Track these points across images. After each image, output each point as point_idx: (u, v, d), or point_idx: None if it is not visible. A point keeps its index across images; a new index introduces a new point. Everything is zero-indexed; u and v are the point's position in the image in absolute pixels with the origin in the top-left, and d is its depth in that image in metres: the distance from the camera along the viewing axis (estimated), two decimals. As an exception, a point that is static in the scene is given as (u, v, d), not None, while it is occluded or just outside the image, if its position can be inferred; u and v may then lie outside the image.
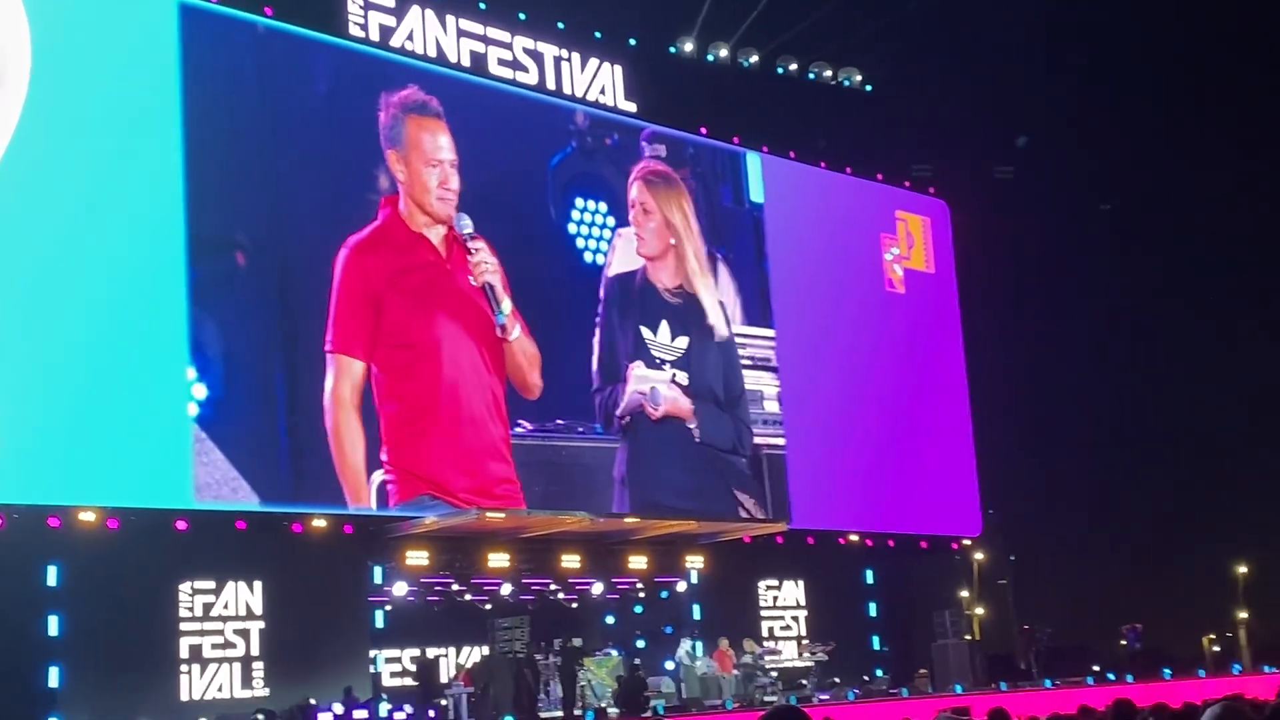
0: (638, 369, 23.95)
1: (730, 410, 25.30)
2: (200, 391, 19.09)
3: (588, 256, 24.25)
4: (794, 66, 28.87)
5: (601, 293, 24.04)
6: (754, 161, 27.24)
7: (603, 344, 23.76)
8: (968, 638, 26.82)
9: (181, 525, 19.06)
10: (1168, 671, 25.07)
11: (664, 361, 24.40)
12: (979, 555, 30.32)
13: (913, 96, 29.02)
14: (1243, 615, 30.70)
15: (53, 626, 18.50)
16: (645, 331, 24.28)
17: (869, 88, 29.90)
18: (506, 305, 21.42)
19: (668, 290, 24.75)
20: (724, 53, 27.75)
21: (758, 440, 25.83)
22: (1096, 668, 25.93)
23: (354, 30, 21.98)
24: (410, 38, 22.63)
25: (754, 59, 28.17)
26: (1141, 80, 30.26)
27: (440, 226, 21.42)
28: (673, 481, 24.08)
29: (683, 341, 24.61)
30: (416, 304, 20.97)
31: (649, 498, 23.63)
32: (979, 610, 30.47)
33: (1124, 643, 27.26)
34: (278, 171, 20.60)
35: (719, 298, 25.61)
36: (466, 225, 21.08)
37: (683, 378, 24.51)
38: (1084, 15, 28.42)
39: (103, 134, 18.68)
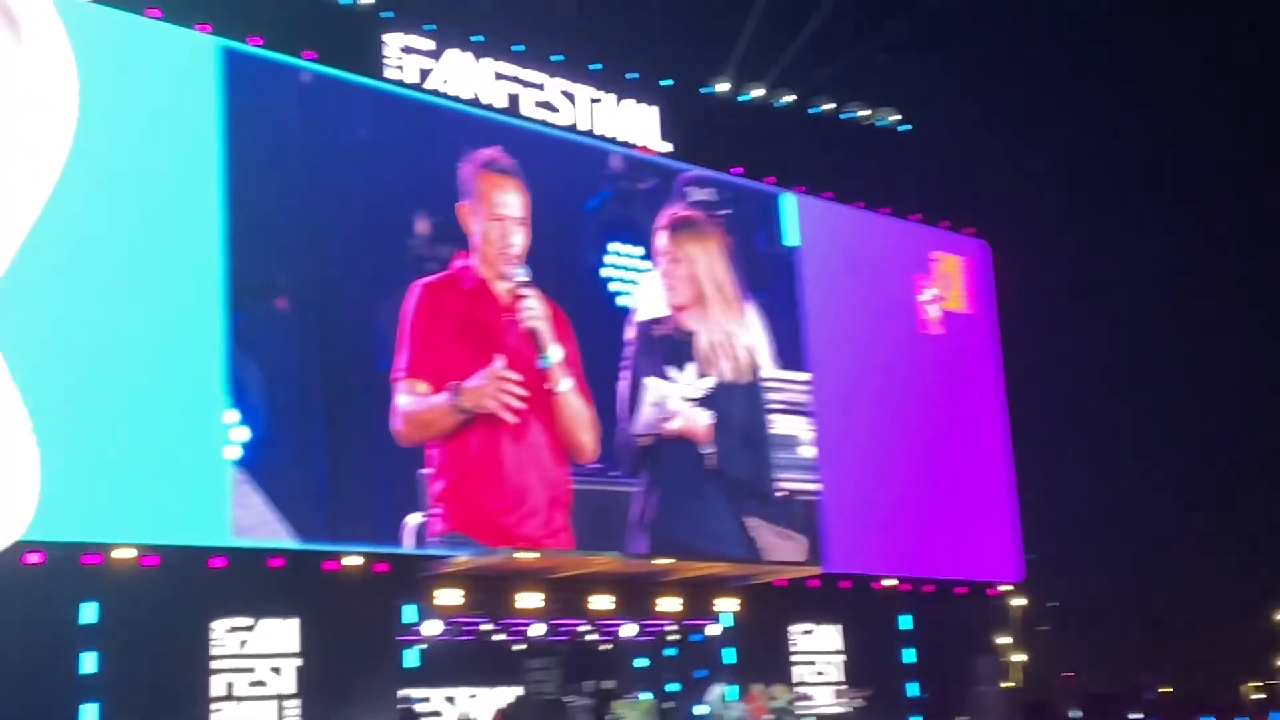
0: (650, 381, 23.90)
1: (753, 449, 25.20)
2: (242, 435, 19.28)
3: (621, 301, 24.32)
4: (830, 106, 28.93)
5: (630, 334, 24.09)
6: (790, 203, 27.25)
7: (630, 387, 23.80)
8: (1007, 684, 26.51)
9: (217, 562, 19.21)
10: (1208, 719, 24.72)
11: (688, 400, 24.37)
12: (1018, 601, 30.03)
13: (952, 135, 29.00)
14: (1284, 663, 30.27)
15: (88, 664, 18.60)
16: (671, 371, 24.29)
17: (907, 127, 29.89)
18: (554, 353, 21.65)
19: (694, 334, 24.74)
20: (759, 93, 27.84)
21: (792, 485, 25.67)
22: (1138, 716, 25.61)
23: (391, 73, 22.24)
24: (446, 81, 22.87)
25: (789, 99, 28.24)
26: (1187, 113, 30.12)
27: (505, 281, 21.72)
28: (696, 520, 23.99)
29: (708, 382, 24.58)
30: (476, 350, 21.20)
31: (669, 537, 23.53)
32: (1019, 657, 30.17)
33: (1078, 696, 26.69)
34: (318, 216, 20.84)
35: (747, 342, 25.55)
36: (520, 274, 21.50)
37: (706, 415, 24.45)
38: (1120, 47, 28.38)
39: (144, 178, 18.94)
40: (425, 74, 22.63)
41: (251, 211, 19.84)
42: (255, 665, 20.21)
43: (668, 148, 25.60)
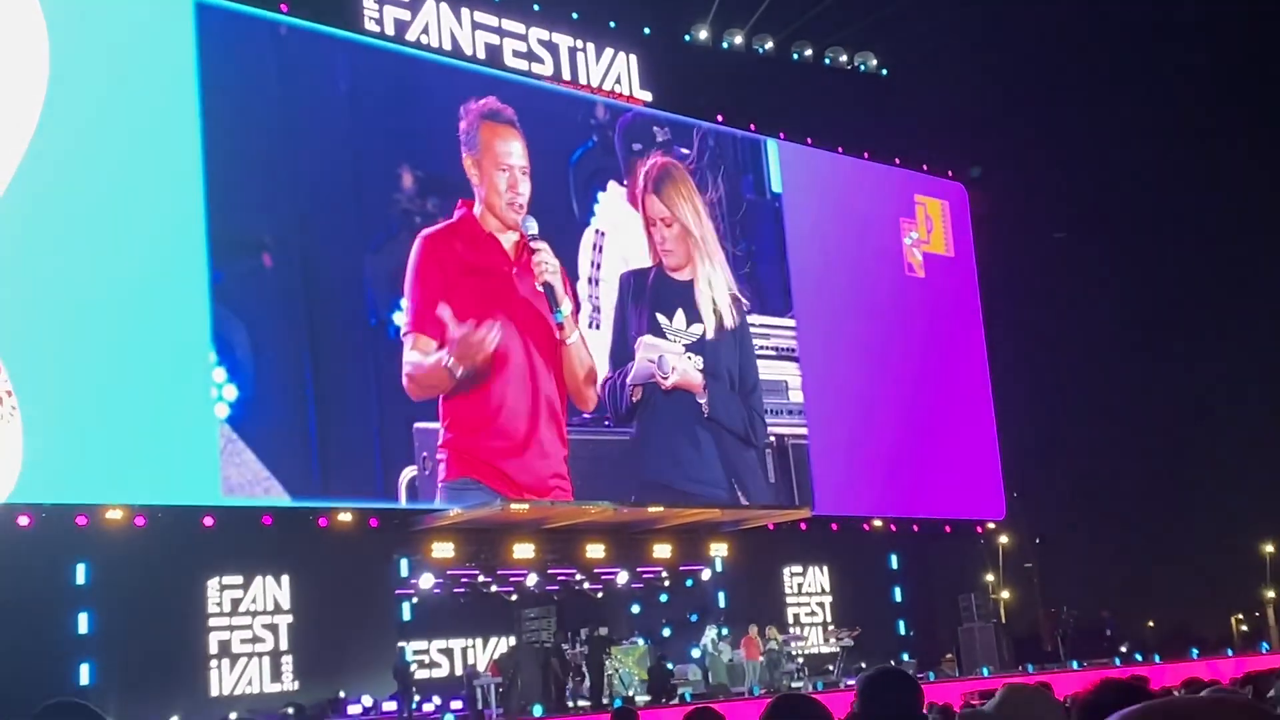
0: (645, 339, 23.97)
1: (743, 397, 25.30)
2: (231, 393, 19.22)
3: (599, 257, 24.19)
4: (809, 52, 28.79)
5: (615, 285, 24.04)
6: (771, 149, 27.19)
7: (615, 333, 23.80)
8: (994, 621, 26.75)
9: (208, 521, 19.18)
10: (1195, 651, 25.02)
11: (682, 353, 24.42)
12: (1003, 539, 30.28)
13: (930, 79, 28.92)
14: (1270, 594, 30.62)
15: (83, 624, 18.63)
16: (661, 318, 24.31)
17: (885, 71, 29.81)
18: (566, 306, 21.92)
19: (682, 282, 24.74)
20: (739, 39, 27.68)
21: (781, 430, 25.81)
22: (1124, 648, 25.88)
23: (369, 25, 22.01)
24: (425, 31, 22.66)
25: (769, 45, 28.09)
26: (1166, 60, 30.10)
27: (512, 231, 21.73)
28: (687, 467, 24.10)
29: (697, 328, 24.62)
30: (480, 301, 21.26)
31: (664, 483, 23.66)
32: (1004, 593, 30.42)
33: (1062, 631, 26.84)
34: (300, 171, 20.69)
35: (731, 289, 25.55)
36: (531, 227, 21.63)
37: (697, 361, 24.52)
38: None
39: (121, 136, 18.75)
40: (403, 25, 22.41)
41: (231, 167, 19.66)
42: (250, 622, 20.28)
43: (647, 96, 25.47)
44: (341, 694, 19.96)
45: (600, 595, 24.42)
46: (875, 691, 3.77)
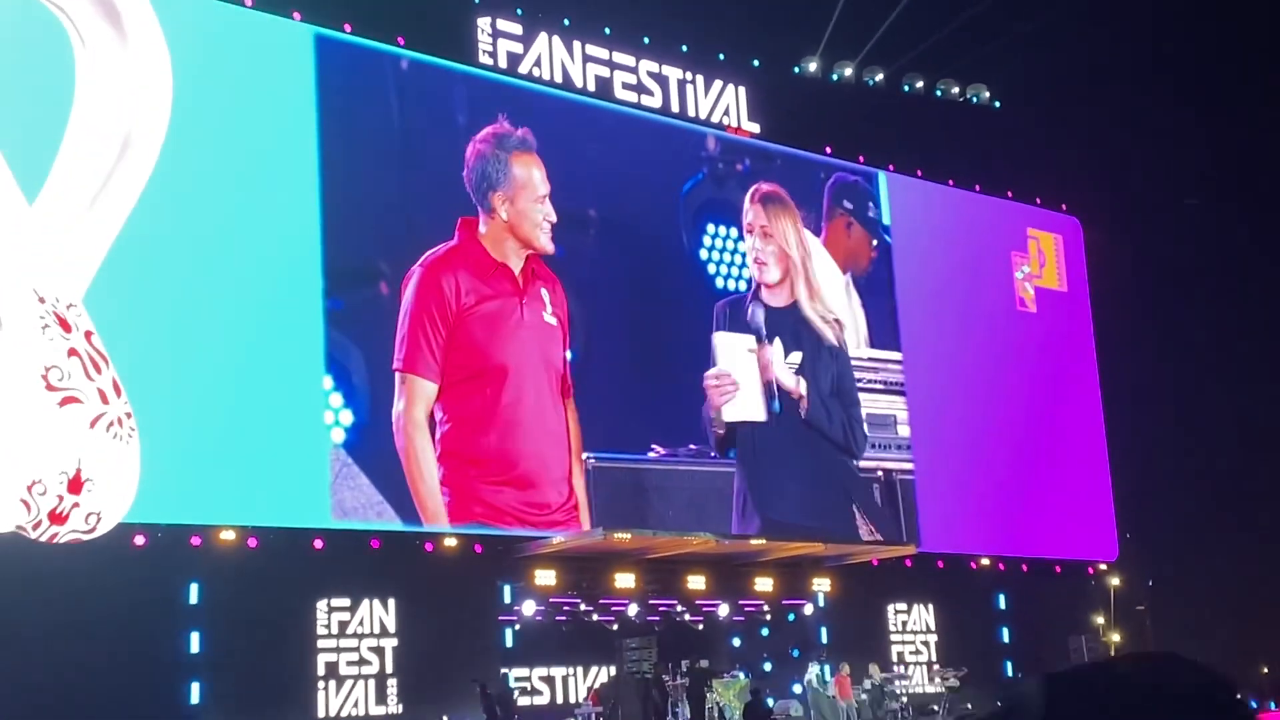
0: (719, 337, 23.73)
1: (843, 406, 25.12)
2: (347, 418, 19.59)
3: (719, 283, 24.33)
4: (920, 84, 28.61)
5: (714, 317, 24.07)
6: (880, 181, 27.06)
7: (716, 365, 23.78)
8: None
9: (318, 544, 19.50)
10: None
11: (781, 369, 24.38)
12: (1115, 580, 29.60)
13: (1042, 111, 28.58)
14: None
15: (194, 644, 19.00)
16: (765, 345, 24.26)
17: (997, 104, 29.52)
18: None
19: (780, 309, 24.66)
20: (849, 72, 27.60)
21: (889, 465, 25.57)
22: (1239, 695, 25.08)
23: (483, 58, 22.34)
24: (538, 64, 22.94)
25: (879, 77, 27.96)
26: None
27: (519, 259, 21.47)
28: (792, 497, 23.97)
29: (796, 357, 24.49)
30: (488, 331, 21.07)
31: (770, 516, 23.55)
32: (1115, 637, 29.72)
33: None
34: (414, 201, 21.06)
35: (834, 316, 25.42)
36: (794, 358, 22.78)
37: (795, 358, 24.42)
38: (1217, 21, 27.76)
39: (242, 166, 19.24)
40: (516, 59, 22.70)
41: (349, 198, 20.08)
42: (357, 645, 20.52)
43: (755, 128, 25.48)
44: (445, 718, 20.10)
45: (701, 627, 24.33)
46: None
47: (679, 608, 23.78)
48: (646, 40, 24.41)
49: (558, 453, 21.42)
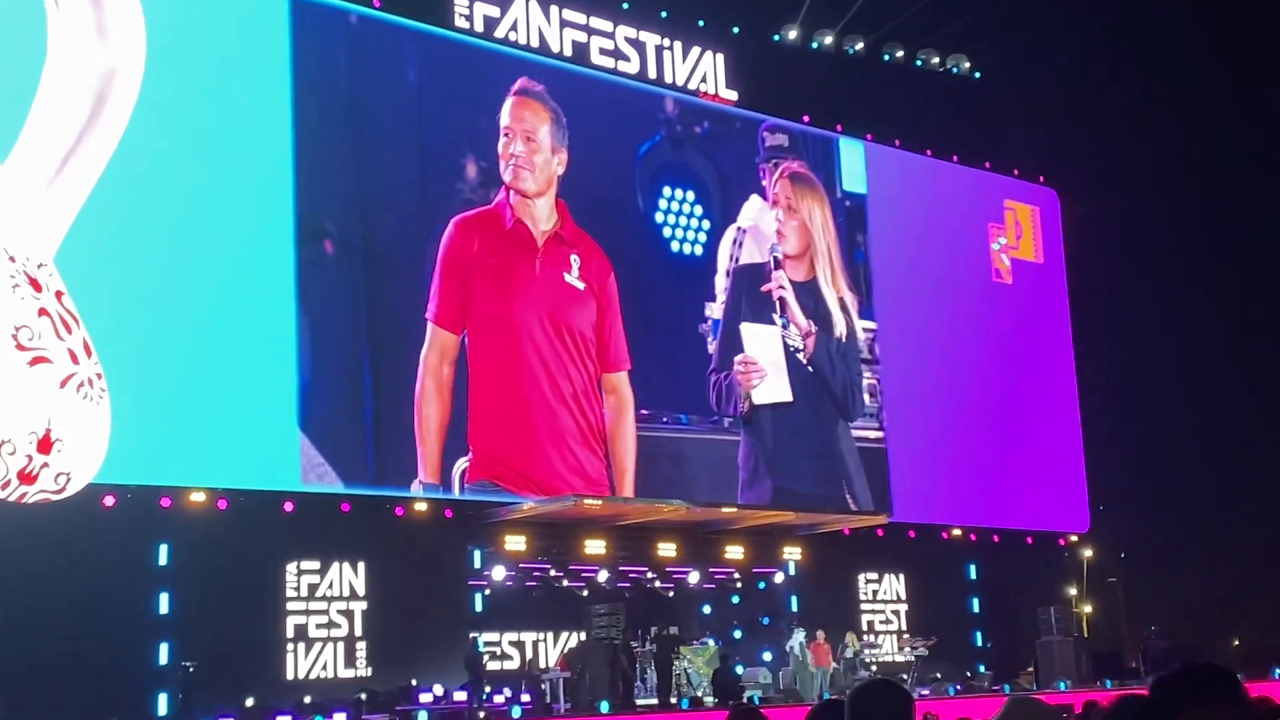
0: (746, 327, 24.02)
1: (846, 366, 25.34)
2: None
3: (674, 246, 24.17)
4: (900, 54, 28.51)
5: (728, 281, 24.10)
6: (857, 150, 26.99)
7: (726, 327, 23.81)
8: (1074, 635, 26.32)
9: (288, 507, 19.50)
10: (1278, 670, 24.46)
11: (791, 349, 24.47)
12: (1087, 552, 29.78)
13: (1022, 83, 28.54)
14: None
15: (163, 604, 19.01)
16: (776, 319, 24.34)
17: (977, 75, 29.46)
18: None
19: (797, 284, 24.74)
20: (829, 40, 27.49)
21: (859, 434, 25.63)
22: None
23: (460, 22, 22.20)
24: (514, 28, 22.79)
25: (859, 46, 27.86)
26: (1275, 66, 29.37)
27: (548, 223, 21.60)
28: (795, 468, 24.16)
29: (803, 334, 24.65)
30: (497, 286, 21.17)
31: (775, 484, 23.79)
32: (1086, 608, 29.92)
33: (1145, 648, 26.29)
34: (364, 160, 20.85)
35: (843, 298, 25.54)
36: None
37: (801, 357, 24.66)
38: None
39: (216, 126, 19.09)
40: (493, 22, 22.56)
41: (311, 158, 19.88)
42: (326, 608, 20.56)
43: (733, 95, 25.39)
44: (413, 682, 20.18)
45: (671, 594, 24.43)
46: (865, 704, 3.76)
47: (649, 575, 23.87)
48: (626, 5, 24.25)
49: (577, 415, 21.62)
